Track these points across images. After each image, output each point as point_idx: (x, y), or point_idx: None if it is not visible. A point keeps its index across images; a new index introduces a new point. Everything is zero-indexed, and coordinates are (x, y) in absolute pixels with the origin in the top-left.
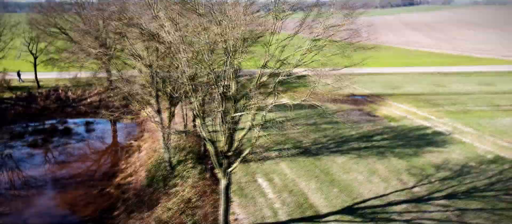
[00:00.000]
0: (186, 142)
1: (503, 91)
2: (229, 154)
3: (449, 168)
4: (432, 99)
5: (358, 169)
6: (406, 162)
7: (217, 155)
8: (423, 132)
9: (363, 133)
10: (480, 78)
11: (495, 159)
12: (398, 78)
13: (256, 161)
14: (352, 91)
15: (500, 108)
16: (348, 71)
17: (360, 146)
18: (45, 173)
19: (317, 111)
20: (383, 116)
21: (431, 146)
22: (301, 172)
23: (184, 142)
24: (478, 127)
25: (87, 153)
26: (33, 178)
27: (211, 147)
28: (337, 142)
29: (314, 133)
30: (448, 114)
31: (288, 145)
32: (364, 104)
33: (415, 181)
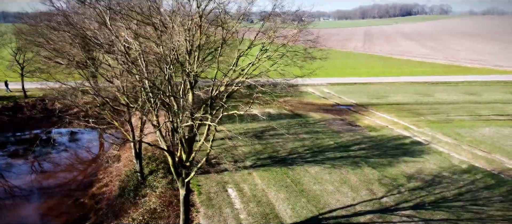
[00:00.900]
0: (161, 152)
1: (487, 101)
2: (187, 164)
3: (421, 178)
4: (416, 108)
5: (330, 179)
6: (379, 172)
7: (175, 165)
8: (401, 142)
9: (341, 143)
10: (467, 88)
11: (468, 169)
12: (385, 87)
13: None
14: (337, 100)
15: (481, 118)
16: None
17: (336, 156)
18: (22, 183)
19: (298, 120)
20: (364, 126)
21: (406, 156)
22: (272, 182)
23: (159, 152)
24: (456, 136)
25: (67, 163)
26: (7, 188)
27: (169, 157)
28: (313, 152)
29: (293, 142)
30: (429, 123)
31: (264, 155)
32: (348, 114)
33: (385, 191)
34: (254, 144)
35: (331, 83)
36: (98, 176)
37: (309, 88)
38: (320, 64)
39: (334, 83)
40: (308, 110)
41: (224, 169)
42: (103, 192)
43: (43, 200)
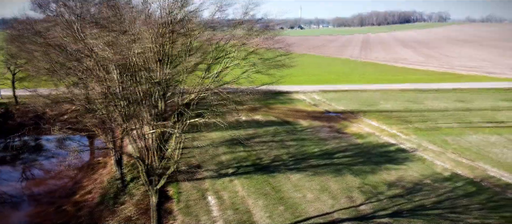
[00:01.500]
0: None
1: (478, 108)
2: (158, 171)
3: (401, 185)
4: (405, 116)
5: (310, 187)
6: (361, 179)
7: (146, 173)
8: (386, 149)
9: (326, 150)
10: (458, 95)
11: (450, 176)
12: (377, 95)
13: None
14: (327, 108)
15: (470, 125)
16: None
17: (319, 163)
18: (8, 190)
19: (286, 128)
20: (352, 133)
21: (390, 164)
22: (253, 189)
23: None
24: (442, 144)
25: (54, 170)
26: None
27: (140, 165)
28: (297, 159)
29: (278, 150)
30: (416, 131)
31: (248, 162)
32: (337, 121)
33: (364, 199)
34: (238, 152)
35: (324, 90)
36: (82, 183)
37: (301, 95)
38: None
39: (326, 90)
40: (297, 117)
41: (205, 176)
42: (86, 200)
43: (27, 207)
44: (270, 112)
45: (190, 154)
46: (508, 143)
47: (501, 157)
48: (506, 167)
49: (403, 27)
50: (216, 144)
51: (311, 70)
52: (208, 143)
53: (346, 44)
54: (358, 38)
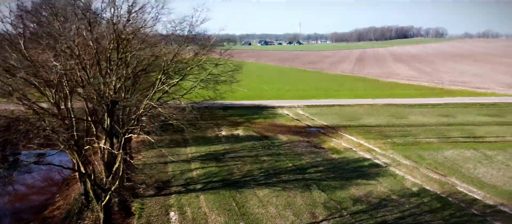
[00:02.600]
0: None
1: (459, 123)
2: (106, 187)
3: (367, 201)
4: (385, 131)
5: (275, 202)
6: (328, 195)
7: (93, 188)
8: (360, 164)
9: (299, 165)
10: (442, 110)
11: (418, 192)
12: (361, 109)
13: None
14: (309, 122)
15: (448, 140)
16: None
17: (290, 178)
18: None
19: (264, 142)
20: (329, 148)
21: (360, 179)
22: (217, 205)
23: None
24: (417, 159)
25: (29, 185)
26: None
27: (87, 180)
28: (268, 175)
29: (251, 165)
30: (394, 146)
31: (218, 177)
32: (316, 136)
33: (327, 214)
34: (210, 167)
35: (309, 105)
36: (55, 198)
37: (285, 110)
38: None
39: (311, 105)
40: (277, 132)
41: (173, 192)
42: (53, 216)
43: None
44: (251, 126)
45: (162, 170)
46: (483, 158)
47: (473, 172)
48: (476, 182)
49: (400, 42)
50: (190, 159)
51: (300, 85)
52: (183, 158)
53: (341, 59)
54: (354, 53)
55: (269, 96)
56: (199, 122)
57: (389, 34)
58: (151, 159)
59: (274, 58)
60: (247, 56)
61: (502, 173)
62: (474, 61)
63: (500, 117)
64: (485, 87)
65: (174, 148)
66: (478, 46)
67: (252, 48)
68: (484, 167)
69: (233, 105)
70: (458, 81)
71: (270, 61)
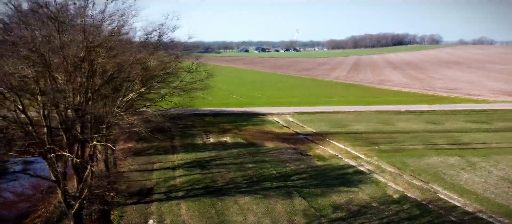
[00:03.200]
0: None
1: (447, 130)
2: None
3: (348, 209)
4: (372, 137)
5: (255, 210)
6: (308, 202)
7: (64, 197)
8: (344, 171)
9: (284, 173)
10: (431, 117)
11: (399, 199)
12: (351, 116)
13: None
14: (298, 129)
15: (434, 146)
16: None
17: (272, 185)
18: None
19: (250, 149)
20: (314, 155)
21: (343, 186)
22: (196, 213)
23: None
24: (401, 166)
25: (15, 192)
26: None
27: (59, 189)
28: (252, 182)
29: (235, 172)
30: (379, 153)
31: (201, 185)
32: (303, 143)
33: (305, 222)
34: (194, 174)
35: (299, 112)
36: (38, 206)
37: (275, 117)
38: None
39: (301, 112)
40: (265, 139)
41: (155, 199)
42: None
43: None
44: (240, 134)
45: (147, 177)
46: (466, 165)
47: (456, 179)
48: (458, 189)
49: (396, 49)
50: (175, 166)
51: (292, 92)
52: (169, 166)
53: (335, 66)
54: (350, 60)
55: (261, 103)
56: (170, 130)
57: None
58: (138, 166)
59: (269, 65)
60: (242, 63)
61: (483, 180)
62: (467, 67)
63: (488, 124)
64: (476, 94)
65: (162, 155)
66: (472, 53)
67: (249, 55)
68: (467, 174)
69: (224, 112)
70: (450, 88)
71: (265, 68)
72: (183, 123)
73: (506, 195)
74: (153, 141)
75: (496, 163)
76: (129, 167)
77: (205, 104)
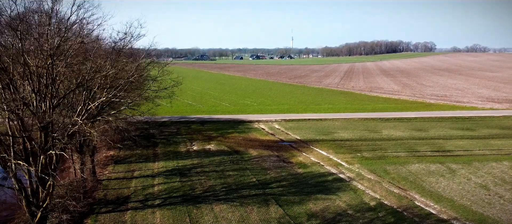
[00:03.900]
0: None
1: (431, 137)
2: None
3: (322, 216)
4: (357, 145)
5: (230, 218)
6: (284, 210)
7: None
8: (324, 179)
9: (263, 180)
10: (417, 124)
11: (375, 206)
12: (338, 123)
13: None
14: (283, 137)
15: (416, 153)
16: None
17: (251, 193)
18: None
19: (233, 157)
20: (297, 162)
21: (321, 194)
22: (171, 221)
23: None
24: (382, 173)
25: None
26: None
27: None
28: (230, 190)
29: (215, 180)
30: (361, 160)
31: (179, 192)
32: (287, 150)
33: None
34: (173, 182)
35: (286, 119)
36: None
37: (262, 125)
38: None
39: (289, 119)
40: (249, 146)
41: (131, 208)
42: None
43: None
44: (224, 141)
45: (126, 185)
46: (446, 171)
47: (434, 186)
48: (435, 196)
49: (389, 57)
50: (156, 174)
51: (282, 100)
52: (149, 173)
53: (328, 73)
54: (343, 67)
55: (249, 110)
56: (155, 138)
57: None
58: (118, 174)
59: (262, 73)
60: (235, 70)
61: (462, 187)
62: (459, 75)
63: (472, 131)
64: (465, 101)
65: (143, 163)
66: (465, 60)
67: (243, 62)
68: (446, 181)
69: (211, 119)
70: (439, 95)
71: (258, 75)
72: (169, 130)
73: (482, 202)
74: (135, 148)
75: (476, 170)
76: (109, 175)
77: (194, 112)
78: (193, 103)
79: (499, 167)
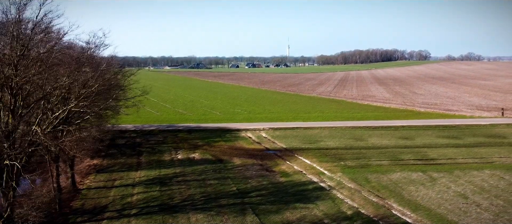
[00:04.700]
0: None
1: (416, 145)
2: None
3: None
4: (341, 153)
5: None
6: (261, 219)
7: None
8: (305, 187)
9: (244, 189)
10: (404, 132)
11: (352, 215)
12: (325, 132)
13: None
14: (269, 145)
15: (399, 162)
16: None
17: (229, 202)
18: None
19: (216, 166)
20: (279, 171)
21: (300, 203)
22: None
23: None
24: (363, 182)
25: None
26: None
27: None
28: (209, 199)
29: (195, 189)
30: (344, 169)
31: (157, 202)
32: (271, 159)
33: None
34: (153, 191)
35: (274, 128)
36: None
37: (249, 133)
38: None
39: (277, 128)
40: (234, 155)
41: (107, 217)
42: None
43: None
44: (210, 150)
45: (104, 194)
46: (427, 180)
47: (413, 195)
48: (412, 205)
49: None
50: (136, 183)
51: (273, 108)
52: (131, 182)
53: (322, 82)
54: (338, 76)
55: (239, 119)
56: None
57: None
58: (99, 183)
59: (256, 81)
60: (230, 79)
61: (440, 196)
62: (452, 83)
63: (458, 139)
64: (454, 109)
65: (125, 172)
66: (459, 68)
67: (239, 70)
68: (426, 190)
69: (199, 127)
70: (429, 103)
71: (252, 84)
72: (155, 139)
73: (459, 211)
74: (119, 157)
75: (456, 179)
76: (89, 184)
77: (184, 120)
78: (184, 111)
79: (480, 175)
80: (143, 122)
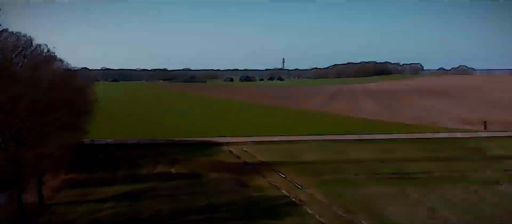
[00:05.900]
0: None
1: (395, 159)
2: None
3: None
4: (319, 167)
5: None
6: None
7: None
8: (276, 202)
9: (214, 204)
10: (386, 145)
11: None
12: (306, 146)
13: None
14: (248, 159)
15: (376, 176)
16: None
17: (197, 218)
18: None
19: (191, 181)
20: (254, 185)
21: (268, 219)
22: None
23: None
24: (335, 197)
25: None
26: None
27: None
28: (177, 214)
29: (165, 204)
30: (319, 183)
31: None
32: (248, 173)
33: None
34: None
35: (256, 142)
36: None
37: (231, 147)
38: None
39: (258, 142)
40: (212, 169)
41: None
42: None
43: None
44: (188, 164)
45: (72, 210)
46: (399, 194)
47: (383, 210)
48: (380, 220)
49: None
50: (108, 198)
51: (260, 121)
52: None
53: (313, 95)
54: (330, 89)
55: (224, 132)
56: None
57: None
58: (70, 198)
59: (247, 95)
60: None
61: (410, 211)
62: (442, 96)
63: (437, 152)
64: (439, 122)
65: (99, 187)
66: (450, 81)
67: (232, 84)
68: (397, 204)
69: (182, 142)
70: (415, 117)
71: (243, 97)
72: (136, 153)
73: None
74: (96, 171)
75: (429, 193)
76: (59, 199)
77: (169, 134)
78: (170, 125)
79: (453, 189)
80: (125, 135)
